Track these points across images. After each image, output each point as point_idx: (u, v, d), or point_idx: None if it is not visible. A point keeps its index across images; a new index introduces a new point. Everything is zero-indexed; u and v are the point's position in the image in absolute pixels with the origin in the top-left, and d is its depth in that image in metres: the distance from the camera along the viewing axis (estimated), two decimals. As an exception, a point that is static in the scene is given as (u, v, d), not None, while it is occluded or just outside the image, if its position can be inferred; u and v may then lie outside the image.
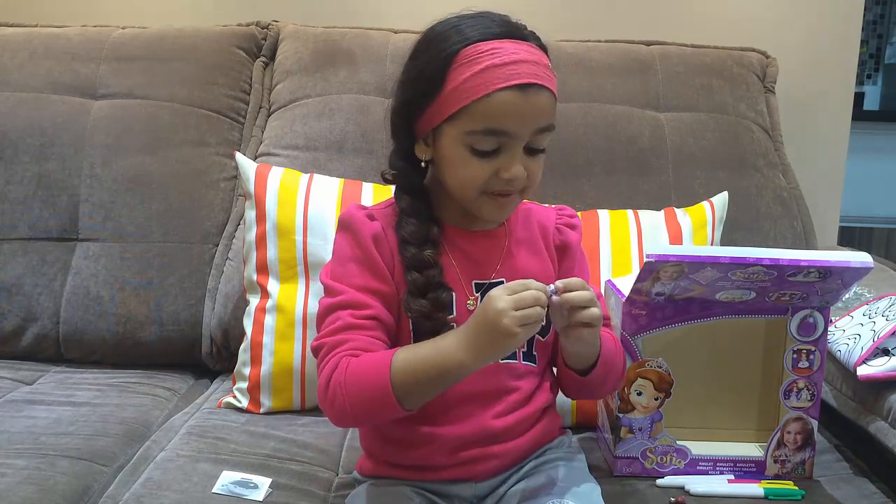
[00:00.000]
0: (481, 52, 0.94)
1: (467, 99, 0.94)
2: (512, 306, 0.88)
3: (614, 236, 1.44)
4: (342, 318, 0.97)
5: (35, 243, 1.59)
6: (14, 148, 1.61)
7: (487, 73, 0.93)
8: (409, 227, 1.00)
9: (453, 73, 0.95)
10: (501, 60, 0.94)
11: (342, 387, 0.92)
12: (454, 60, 0.94)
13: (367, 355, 0.94)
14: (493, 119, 0.94)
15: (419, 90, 0.97)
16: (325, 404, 0.95)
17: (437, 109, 0.97)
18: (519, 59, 0.94)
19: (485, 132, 0.95)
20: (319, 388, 0.95)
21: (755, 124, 1.77)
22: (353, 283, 0.99)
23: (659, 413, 1.19)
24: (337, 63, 1.74)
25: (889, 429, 1.17)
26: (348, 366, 0.93)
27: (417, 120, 1.00)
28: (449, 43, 0.95)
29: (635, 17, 1.95)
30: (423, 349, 0.93)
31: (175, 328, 1.55)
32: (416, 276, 0.98)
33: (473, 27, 0.96)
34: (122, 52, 1.73)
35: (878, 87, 4.16)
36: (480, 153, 0.96)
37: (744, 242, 1.60)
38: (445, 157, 0.99)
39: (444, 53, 0.95)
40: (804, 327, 1.17)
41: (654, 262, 1.06)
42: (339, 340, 0.95)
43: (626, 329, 1.16)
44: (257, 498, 1.09)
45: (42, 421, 1.29)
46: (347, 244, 1.01)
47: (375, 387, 0.91)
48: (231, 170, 1.66)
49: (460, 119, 0.95)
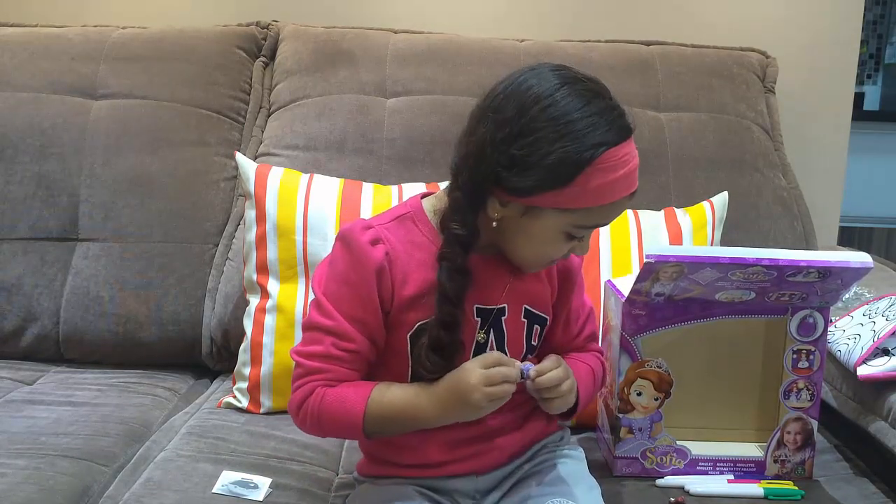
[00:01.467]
0: (618, 159, 0.91)
1: (593, 202, 0.92)
2: (483, 382, 0.94)
3: (614, 236, 1.44)
4: (324, 345, 0.98)
5: (35, 243, 1.58)
6: (14, 148, 1.61)
7: (619, 183, 0.92)
8: (451, 285, 0.95)
9: (589, 174, 0.90)
10: (629, 169, 0.93)
11: (313, 416, 0.98)
12: (591, 164, 0.90)
13: (342, 389, 0.98)
14: (604, 218, 0.97)
15: (542, 177, 0.90)
16: (296, 420, 1.01)
17: (551, 197, 0.92)
18: (635, 164, 0.94)
19: (591, 227, 0.98)
20: (291, 404, 1.00)
21: (755, 124, 1.77)
22: (343, 309, 0.98)
23: (659, 413, 1.19)
24: (337, 63, 1.74)
25: (889, 429, 1.17)
26: (323, 396, 0.97)
27: (510, 190, 0.93)
28: (587, 142, 0.90)
29: (635, 17, 1.95)
30: (397, 400, 0.98)
31: (175, 328, 1.55)
32: (442, 334, 0.96)
33: (606, 122, 0.91)
34: (122, 52, 1.72)
35: (878, 87, 4.16)
36: (571, 237, 0.97)
37: (744, 242, 1.60)
38: (529, 231, 0.96)
39: (583, 156, 0.89)
40: (804, 327, 1.17)
41: (653, 262, 1.06)
42: (317, 368, 0.98)
43: (626, 329, 1.16)
44: (257, 498, 1.10)
45: (42, 421, 1.29)
46: (346, 265, 0.98)
47: (346, 423, 0.98)
48: (231, 170, 1.66)
49: (574, 213, 0.93)
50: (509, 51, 1.75)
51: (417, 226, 1.00)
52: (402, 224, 1.01)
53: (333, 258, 1.01)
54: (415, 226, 1.00)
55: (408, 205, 1.04)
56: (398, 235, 0.99)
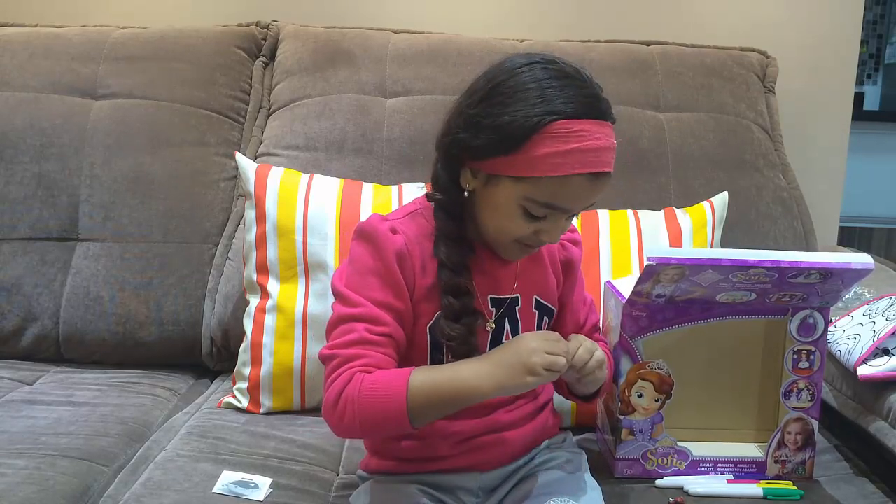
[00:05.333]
0: (571, 131, 0.92)
1: (542, 172, 0.92)
2: (545, 348, 0.93)
3: (614, 237, 1.44)
4: (357, 331, 0.96)
5: (35, 243, 1.58)
6: (14, 148, 1.61)
7: (571, 156, 0.92)
8: (448, 252, 0.99)
9: (537, 142, 0.92)
10: (587, 146, 0.92)
11: (355, 402, 0.92)
12: (541, 131, 0.92)
13: (382, 373, 0.94)
14: (558, 197, 0.95)
15: (492, 138, 0.94)
16: (333, 417, 0.94)
17: (504, 163, 0.94)
18: (600, 146, 0.93)
19: (544, 205, 0.95)
20: (328, 399, 0.94)
21: (755, 124, 1.77)
22: (372, 296, 0.97)
23: (659, 415, 1.19)
24: (337, 63, 1.74)
25: (889, 429, 1.17)
26: (363, 382, 0.92)
27: (477, 157, 0.97)
28: (538, 109, 0.92)
29: (635, 17, 1.95)
30: (440, 374, 0.94)
31: (175, 328, 1.55)
32: (452, 301, 0.98)
33: (565, 96, 0.93)
34: (122, 52, 1.72)
35: (878, 87, 4.16)
36: (530, 216, 0.97)
37: (744, 243, 1.60)
38: (492, 202, 0.98)
39: (530, 120, 0.92)
40: (804, 328, 1.17)
41: (654, 264, 1.06)
42: (354, 354, 0.95)
43: (627, 331, 1.16)
44: (258, 498, 1.10)
45: (42, 421, 1.29)
46: (369, 255, 0.99)
47: (390, 406, 0.92)
48: (231, 170, 1.66)
49: (526, 183, 0.94)
50: (509, 51, 1.74)
51: (428, 220, 1.02)
52: (414, 219, 1.03)
53: (353, 255, 1.01)
54: (425, 221, 1.02)
55: (416, 202, 1.06)
56: (411, 229, 1.01)
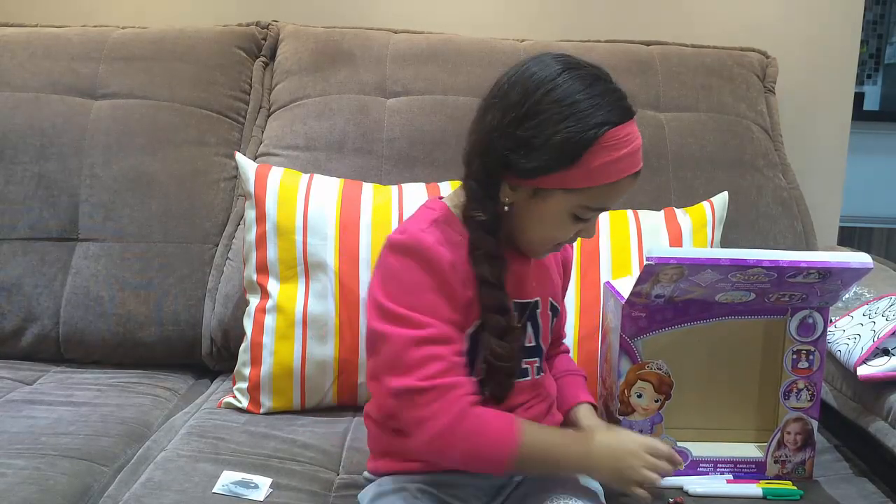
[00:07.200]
0: (620, 138, 0.94)
1: (598, 182, 0.94)
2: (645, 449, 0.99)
3: (614, 237, 1.44)
4: (444, 357, 0.94)
5: (35, 243, 1.59)
6: (14, 148, 1.61)
7: (622, 162, 0.94)
8: (491, 269, 0.98)
9: (592, 154, 0.93)
10: (632, 148, 0.95)
11: (472, 436, 0.94)
12: (595, 142, 0.92)
13: (489, 413, 0.96)
14: (609, 200, 0.98)
15: (547, 158, 0.93)
16: (432, 444, 0.95)
17: (557, 178, 0.94)
18: (638, 145, 0.96)
19: (597, 209, 0.99)
20: (431, 429, 0.93)
21: (755, 124, 1.77)
22: (440, 315, 0.95)
23: (659, 415, 1.19)
24: (337, 63, 1.74)
25: (889, 429, 1.17)
26: (478, 417, 0.94)
27: (527, 176, 0.95)
28: (590, 122, 0.92)
29: (635, 17, 1.95)
30: (550, 440, 0.99)
31: (175, 328, 1.55)
32: (499, 319, 0.98)
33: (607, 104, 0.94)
34: (122, 52, 1.72)
35: (878, 87, 4.16)
36: (578, 219, 0.98)
37: (744, 243, 1.60)
38: (537, 214, 0.98)
39: (586, 135, 0.92)
40: (803, 328, 1.17)
41: (654, 264, 1.06)
42: (452, 384, 0.94)
43: (626, 331, 1.16)
44: (258, 498, 1.10)
45: (42, 421, 1.29)
46: (421, 271, 0.96)
47: (498, 450, 0.94)
48: (231, 170, 1.66)
49: (580, 194, 0.95)
50: (509, 51, 1.75)
51: (451, 227, 1.00)
52: (439, 227, 1.00)
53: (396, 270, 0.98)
54: (449, 227, 1.00)
55: (434, 209, 1.03)
56: (453, 246, 0.99)
